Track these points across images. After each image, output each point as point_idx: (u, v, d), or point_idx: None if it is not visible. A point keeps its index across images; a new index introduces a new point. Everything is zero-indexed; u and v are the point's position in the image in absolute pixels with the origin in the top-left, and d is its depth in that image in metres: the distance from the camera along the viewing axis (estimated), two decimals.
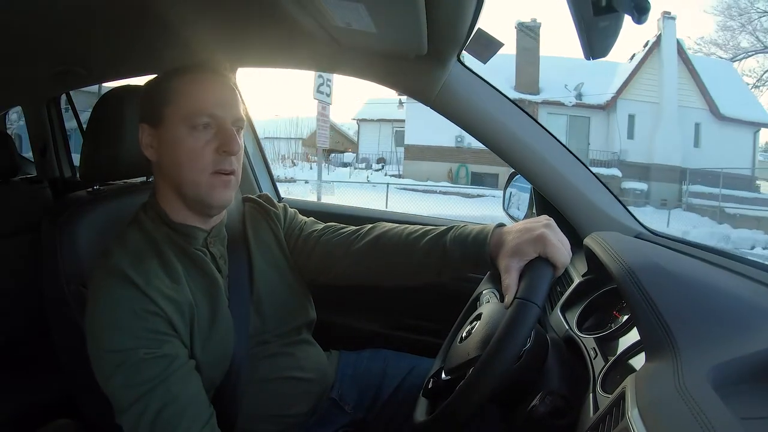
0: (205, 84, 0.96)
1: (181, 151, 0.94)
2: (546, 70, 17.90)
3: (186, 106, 0.94)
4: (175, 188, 0.98)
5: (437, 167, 18.94)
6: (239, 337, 1.02)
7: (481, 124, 1.35)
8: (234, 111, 0.97)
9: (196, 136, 0.94)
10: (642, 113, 17.10)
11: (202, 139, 0.94)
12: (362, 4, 0.92)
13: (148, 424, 0.84)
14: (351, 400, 1.21)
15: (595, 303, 1.07)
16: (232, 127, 0.96)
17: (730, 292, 0.85)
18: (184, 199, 0.98)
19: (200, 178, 0.95)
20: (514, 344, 0.76)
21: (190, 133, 0.94)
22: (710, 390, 0.58)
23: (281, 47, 1.46)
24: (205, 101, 0.94)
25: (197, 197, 0.97)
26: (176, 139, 0.94)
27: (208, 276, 1.00)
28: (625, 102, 17.27)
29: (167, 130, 0.95)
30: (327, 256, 1.14)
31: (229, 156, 0.95)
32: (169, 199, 1.00)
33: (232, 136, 0.95)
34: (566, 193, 1.36)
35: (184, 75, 0.97)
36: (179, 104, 0.94)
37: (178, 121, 0.94)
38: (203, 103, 0.94)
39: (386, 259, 1.07)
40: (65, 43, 1.54)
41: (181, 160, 0.94)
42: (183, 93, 0.95)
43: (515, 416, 0.86)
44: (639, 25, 0.70)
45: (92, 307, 0.90)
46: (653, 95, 16.86)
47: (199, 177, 0.95)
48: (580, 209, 1.37)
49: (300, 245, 1.18)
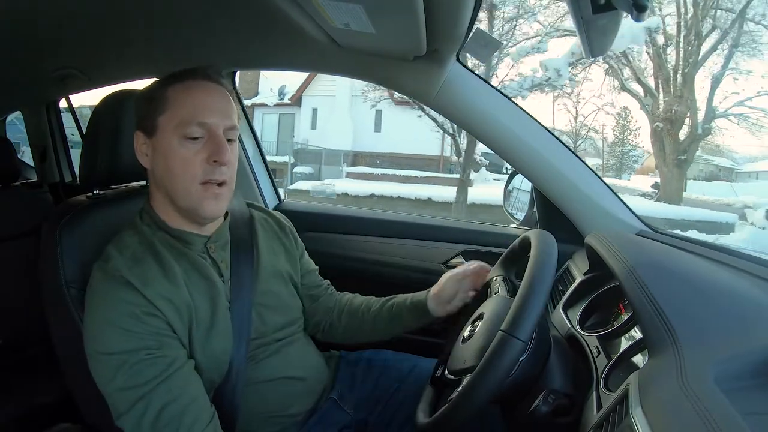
0: (196, 92, 0.95)
1: (173, 161, 0.94)
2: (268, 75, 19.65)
3: (177, 115, 0.93)
4: (167, 196, 0.98)
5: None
6: (239, 340, 1.02)
7: (481, 124, 1.35)
8: (226, 120, 0.97)
9: (187, 145, 0.93)
10: (323, 106, 19.18)
11: (193, 148, 0.93)
12: (360, 6, 0.92)
13: (149, 425, 0.84)
14: (351, 401, 1.21)
15: (598, 301, 1.07)
16: (223, 136, 0.95)
17: (731, 288, 0.85)
18: (177, 208, 0.99)
19: (191, 188, 0.94)
20: (493, 379, 0.77)
21: (181, 142, 0.93)
22: (713, 386, 0.57)
23: (280, 49, 1.46)
24: (196, 110, 0.93)
25: (188, 207, 0.97)
26: (168, 149, 0.94)
27: (208, 280, 1.00)
28: (309, 98, 19.34)
29: (160, 139, 0.95)
30: (317, 308, 1.30)
31: (220, 166, 0.94)
32: (164, 206, 1.00)
33: (222, 146, 0.94)
34: (567, 192, 1.36)
35: (176, 83, 0.96)
36: (171, 113, 0.94)
37: (170, 130, 0.93)
38: (194, 111, 0.93)
39: (352, 318, 1.28)
40: (64, 47, 1.54)
41: (172, 169, 0.94)
42: (175, 101, 0.94)
43: (517, 415, 0.86)
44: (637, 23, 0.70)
45: (90, 310, 0.90)
46: (332, 89, 18.75)
47: (190, 187, 0.94)
48: (581, 207, 1.37)
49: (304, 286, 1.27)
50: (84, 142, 1.16)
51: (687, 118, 13.88)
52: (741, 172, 29.68)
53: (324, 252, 1.76)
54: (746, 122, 15.04)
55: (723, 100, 14.67)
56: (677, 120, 13.80)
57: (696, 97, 14.20)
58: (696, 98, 14.19)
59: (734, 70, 14.29)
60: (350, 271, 1.78)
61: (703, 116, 14.21)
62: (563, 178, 1.35)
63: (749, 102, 14.73)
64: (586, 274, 1.18)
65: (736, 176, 29.11)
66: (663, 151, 13.95)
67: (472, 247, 1.64)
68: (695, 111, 14.12)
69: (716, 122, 15.12)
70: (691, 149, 14.07)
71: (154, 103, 0.96)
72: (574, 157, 1.37)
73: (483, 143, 1.39)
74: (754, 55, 14.22)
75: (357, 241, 1.81)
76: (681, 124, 13.94)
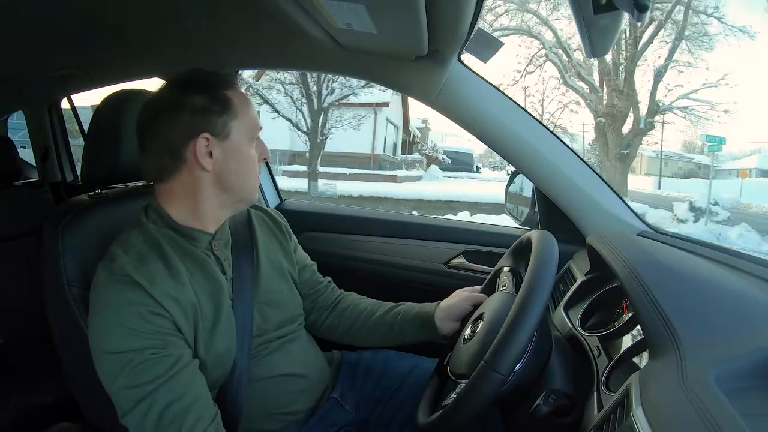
0: (248, 101, 1.06)
1: (246, 161, 1.04)
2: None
3: (247, 121, 1.03)
4: (227, 192, 1.03)
5: None
6: (242, 338, 1.03)
7: (483, 124, 1.35)
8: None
9: (253, 147, 1.05)
10: (265, 106, 19.40)
11: (254, 150, 1.06)
12: (362, 6, 0.92)
13: (153, 423, 0.85)
14: (352, 400, 1.22)
15: (599, 301, 1.07)
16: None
17: (732, 289, 0.85)
18: (234, 200, 1.06)
19: (255, 183, 1.07)
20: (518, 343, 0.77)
21: (251, 144, 1.05)
22: (714, 387, 0.57)
23: (282, 49, 1.46)
24: (255, 117, 1.06)
25: (246, 198, 1.07)
26: (242, 151, 1.02)
27: (212, 278, 1.01)
28: (251, 98, 19.78)
29: (233, 142, 1.01)
30: (314, 303, 1.31)
31: (263, 162, 1.10)
32: (181, 203, 1.01)
33: (266, 146, 1.09)
34: (569, 192, 1.36)
35: (235, 91, 1.04)
36: (242, 120, 1.02)
37: (243, 133, 1.02)
38: (255, 119, 1.06)
39: (354, 321, 1.29)
40: (66, 47, 1.54)
41: (245, 168, 1.03)
42: (241, 108, 1.02)
43: (517, 415, 0.86)
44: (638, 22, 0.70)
45: (96, 309, 0.90)
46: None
47: (255, 181, 1.07)
48: (582, 208, 1.37)
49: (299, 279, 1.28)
50: (86, 141, 1.16)
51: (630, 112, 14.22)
52: (721, 170, 30.30)
53: (325, 252, 1.76)
54: (692, 115, 15.22)
55: (667, 94, 14.92)
56: (619, 115, 14.09)
57: (638, 90, 14.51)
58: (637, 92, 14.48)
59: (678, 62, 14.63)
60: (351, 271, 1.78)
61: (646, 110, 14.46)
62: (565, 179, 1.35)
63: (694, 95, 14.95)
64: (587, 275, 1.18)
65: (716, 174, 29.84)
66: (606, 145, 14.46)
67: (473, 247, 1.64)
68: (636, 105, 14.40)
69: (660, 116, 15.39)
70: (633, 144, 14.58)
71: (223, 108, 1.00)
72: (575, 157, 1.37)
73: (484, 143, 1.39)
74: (701, 47, 14.47)
75: (358, 241, 1.81)
76: (623, 118, 14.28)
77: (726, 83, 14.55)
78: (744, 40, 14.43)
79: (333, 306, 1.32)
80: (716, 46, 14.52)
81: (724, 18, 13.99)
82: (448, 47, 1.16)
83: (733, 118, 19.26)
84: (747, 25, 14.30)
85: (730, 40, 14.37)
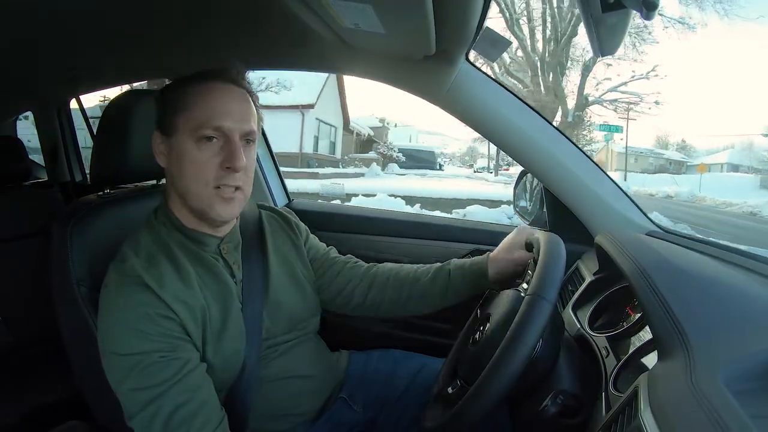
0: (215, 94, 0.94)
1: (186, 163, 0.93)
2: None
3: (195, 116, 0.92)
4: (181, 197, 0.98)
5: None
6: (251, 341, 1.02)
7: (491, 123, 1.35)
8: (244, 124, 0.95)
9: (202, 148, 0.92)
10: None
11: (208, 152, 0.92)
12: (370, 5, 0.92)
13: (160, 427, 0.84)
14: (360, 400, 1.22)
15: (607, 301, 1.07)
16: (239, 140, 0.94)
17: (741, 289, 0.84)
18: (189, 209, 0.98)
19: (203, 192, 0.94)
20: (525, 345, 0.76)
21: (196, 145, 0.92)
22: (723, 388, 0.57)
23: (289, 49, 1.46)
24: (213, 113, 0.92)
25: (200, 209, 0.96)
26: (183, 150, 0.93)
27: (221, 281, 1.00)
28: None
29: (177, 140, 0.94)
30: (347, 284, 1.24)
31: (233, 172, 0.93)
32: (179, 206, 1.00)
33: (236, 152, 0.92)
34: (577, 192, 1.36)
35: (195, 84, 0.94)
36: (189, 114, 0.92)
37: (187, 131, 0.92)
38: (210, 114, 0.92)
39: (400, 290, 1.21)
40: (74, 48, 1.55)
41: (185, 171, 0.93)
42: (194, 102, 0.93)
43: (524, 414, 0.86)
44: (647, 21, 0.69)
45: (106, 310, 0.90)
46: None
47: (202, 190, 0.93)
48: (591, 207, 1.36)
49: (320, 267, 1.25)
50: (94, 141, 1.17)
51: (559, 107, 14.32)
52: (692, 165, 30.68)
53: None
54: (622, 108, 15.21)
55: (596, 86, 14.97)
56: (545, 109, 14.08)
57: (564, 85, 14.50)
58: (563, 86, 14.45)
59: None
60: None
61: (574, 104, 14.46)
62: (573, 178, 1.34)
63: (623, 87, 14.94)
64: (595, 275, 1.17)
65: (687, 169, 29.79)
66: None
67: (481, 247, 1.63)
68: (563, 99, 14.35)
69: (590, 109, 15.51)
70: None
71: (173, 102, 0.95)
72: (584, 156, 1.36)
73: (492, 143, 1.38)
74: (647, 40, 14.58)
75: (367, 241, 1.81)
76: (552, 113, 14.21)
77: (656, 74, 14.69)
78: (684, 32, 14.78)
79: (371, 282, 1.25)
80: (659, 39, 14.67)
81: (662, 10, 14.01)
82: (455, 46, 1.16)
83: (662, 110, 19.53)
84: (685, 17, 14.42)
85: (669, 32, 14.58)
